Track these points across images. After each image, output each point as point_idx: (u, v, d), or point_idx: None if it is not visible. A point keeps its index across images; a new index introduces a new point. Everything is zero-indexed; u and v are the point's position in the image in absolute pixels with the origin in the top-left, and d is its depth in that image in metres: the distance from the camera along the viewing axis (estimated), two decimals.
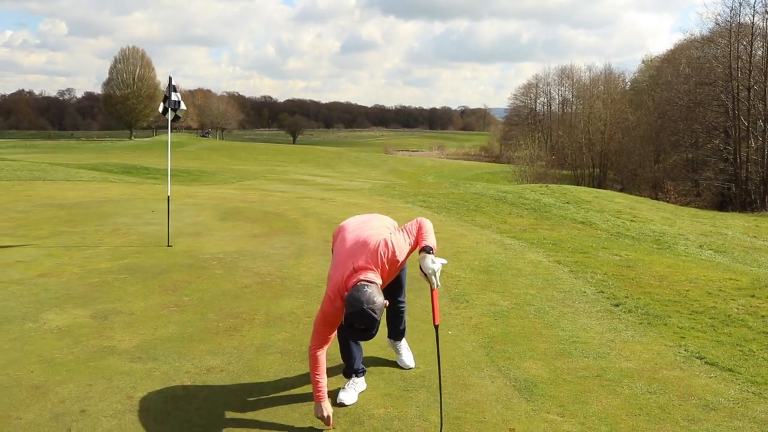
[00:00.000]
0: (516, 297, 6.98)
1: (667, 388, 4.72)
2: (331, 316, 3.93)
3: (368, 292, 3.64)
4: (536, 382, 4.72)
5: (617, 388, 4.69)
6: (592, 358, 5.26)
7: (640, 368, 5.09)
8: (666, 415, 4.27)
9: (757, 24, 50.69)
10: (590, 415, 4.24)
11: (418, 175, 58.45)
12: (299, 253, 8.95)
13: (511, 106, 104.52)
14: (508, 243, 10.22)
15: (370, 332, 3.64)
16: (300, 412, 4.16)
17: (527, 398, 4.45)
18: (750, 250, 12.81)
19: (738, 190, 48.75)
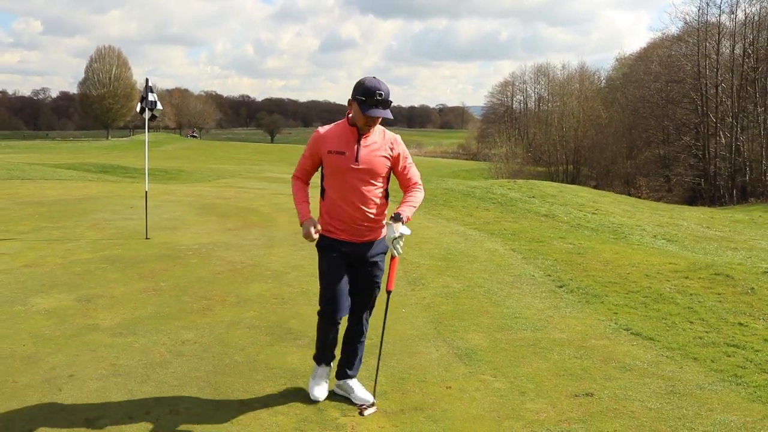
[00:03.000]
0: (469, 280, 7.58)
1: (592, 354, 5.33)
2: (314, 142, 4.04)
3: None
4: (476, 350, 5.32)
5: (548, 354, 5.30)
6: (529, 331, 5.87)
7: (571, 338, 5.71)
8: (586, 375, 4.88)
9: (724, 23, 51.98)
10: (520, 375, 4.83)
11: None
12: (270, 243, 9.50)
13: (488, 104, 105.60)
14: (469, 234, 10.82)
15: (388, 101, 3.83)
16: (264, 374, 4.71)
17: (466, 363, 5.05)
18: (700, 240, 13.53)
19: (707, 185, 49.92)
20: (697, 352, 5.45)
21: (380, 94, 3.78)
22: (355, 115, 3.88)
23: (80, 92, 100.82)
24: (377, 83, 3.80)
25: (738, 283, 7.56)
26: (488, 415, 4.16)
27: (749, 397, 4.56)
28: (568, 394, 4.52)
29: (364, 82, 3.82)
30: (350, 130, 3.96)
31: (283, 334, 5.63)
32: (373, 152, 3.96)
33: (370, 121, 3.86)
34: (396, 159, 4.06)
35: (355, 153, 3.93)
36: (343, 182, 3.95)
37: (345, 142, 3.94)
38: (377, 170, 3.98)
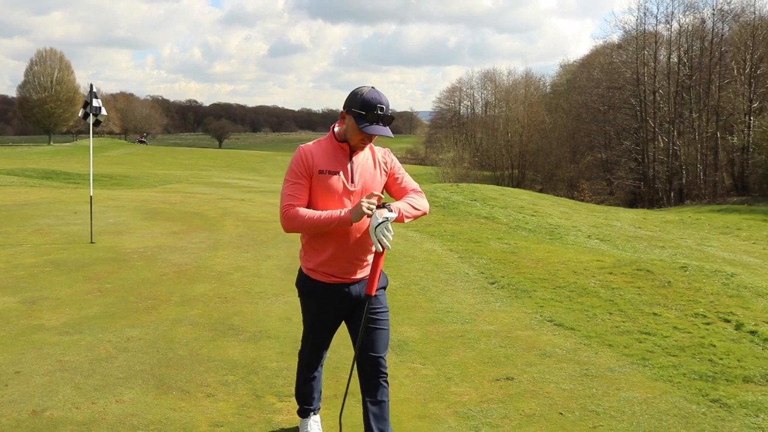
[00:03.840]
0: (406, 278, 7.94)
1: (516, 343, 5.74)
2: (301, 162, 3.28)
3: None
4: (408, 342, 5.68)
5: (475, 344, 5.68)
6: (459, 324, 6.25)
7: (498, 330, 6.11)
8: (509, 362, 5.27)
9: (661, 32, 53.87)
10: (447, 363, 5.20)
11: None
12: (215, 246, 9.71)
13: (436, 109, 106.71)
14: (410, 236, 11.20)
15: (390, 116, 3.24)
16: (206, 366, 4.98)
17: (398, 353, 5.40)
18: (631, 239, 14.19)
19: (646, 188, 51.57)
20: (612, 340, 5.90)
21: (382, 108, 3.20)
22: (349, 131, 3.27)
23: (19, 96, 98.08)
24: (378, 95, 3.23)
25: (657, 277, 8.09)
26: (415, 398, 4.51)
27: (653, 377, 5.01)
28: (491, 379, 4.90)
29: (363, 92, 3.24)
30: (339, 147, 3.34)
31: (226, 329, 5.89)
32: (369, 170, 3.39)
33: (366, 140, 3.28)
34: (391, 174, 3.50)
35: (350, 173, 3.33)
36: (338, 207, 3.26)
37: (336, 160, 3.31)
38: (374, 190, 3.36)
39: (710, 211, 26.45)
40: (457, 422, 4.17)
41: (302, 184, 3.28)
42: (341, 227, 3.21)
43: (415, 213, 3.39)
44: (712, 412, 4.45)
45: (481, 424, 4.16)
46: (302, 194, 3.29)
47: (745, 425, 4.26)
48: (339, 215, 3.17)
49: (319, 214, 3.19)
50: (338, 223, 3.17)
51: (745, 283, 8.00)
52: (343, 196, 3.30)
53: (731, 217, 22.14)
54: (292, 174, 3.31)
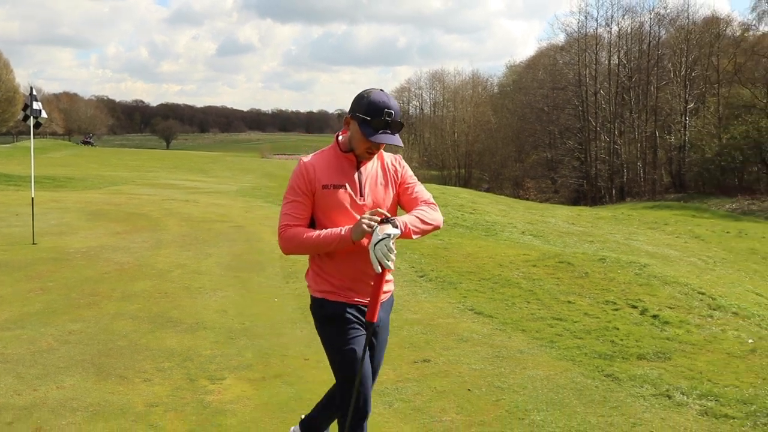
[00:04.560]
0: None
1: (436, 330, 6.21)
2: (302, 177, 2.98)
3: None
4: None
5: (399, 331, 6.12)
6: None
7: (421, 318, 6.57)
8: (428, 346, 5.73)
9: (602, 35, 55.49)
10: None
11: None
12: (157, 245, 9.98)
13: None
14: None
15: (399, 123, 2.92)
16: (144, 355, 5.31)
17: None
18: (563, 235, 14.87)
19: (589, 186, 53.05)
20: (526, 325, 6.42)
21: (390, 113, 2.89)
22: (354, 138, 2.97)
23: None
24: (386, 99, 2.93)
25: (576, 268, 8.67)
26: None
27: (558, 357, 5.53)
28: (409, 361, 5.36)
29: (370, 95, 2.94)
30: (344, 157, 3.03)
31: (164, 322, 6.22)
32: (379, 181, 3.09)
33: (373, 148, 2.96)
34: (402, 182, 3.15)
35: (358, 185, 3.02)
36: (347, 224, 2.94)
37: (341, 173, 3.01)
38: (386, 202, 3.08)
39: (644, 208, 27.56)
40: (373, 399, 4.58)
41: (302, 202, 2.97)
42: (343, 247, 2.89)
43: (424, 228, 2.98)
44: (604, 385, 4.98)
45: (395, 399, 4.61)
46: (302, 213, 2.98)
47: (630, 394, 4.80)
48: (339, 234, 2.87)
49: (317, 234, 2.90)
50: (338, 242, 2.86)
51: (656, 272, 8.63)
52: (352, 212, 2.97)
53: (662, 213, 23.18)
54: (291, 191, 3.00)
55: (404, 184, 3.15)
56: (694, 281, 8.61)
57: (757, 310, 7.73)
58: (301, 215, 2.97)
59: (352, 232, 2.84)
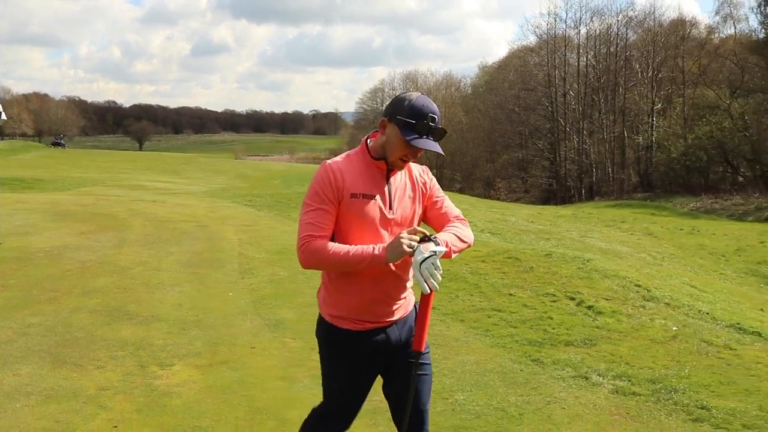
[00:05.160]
0: (295, 269, 8.70)
1: None
2: (329, 183, 2.66)
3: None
4: (284, 321, 6.46)
5: None
6: None
7: None
8: None
9: (571, 37, 56.33)
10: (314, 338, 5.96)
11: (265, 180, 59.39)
12: (120, 244, 10.25)
13: (359, 110, 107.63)
14: None
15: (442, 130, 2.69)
16: (99, 345, 5.63)
17: (273, 331, 6.17)
18: (520, 232, 15.33)
19: (558, 186, 53.83)
20: (465, 316, 6.83)
21: (434, 118, 2.64)
22: (390, 143, 2.69)
23: None
24: (430, 103, 2.67)
25: (522, 263, 9.10)
26: (279, 365, 5.29)
27: (491, 344, 5.94)
28: None
29: (412, 98, 2.67)
30: (375, 165, 2.75)
31: (121, 315, 6.53)
32: (407, 193, 2.83)
33: (411, 155, 2.70)
34: (430, 196, 2.91)
35: (388, 197, 2.75)
36: (372, 241, 2.67)
37: (371, 182, 2.73)
38: (413, 218, 2.85)
39: (606, 206, 28.25)
40: (311, 381, 4.97)
41: (328, 210, 2.64)
42: (374, 267, 2.61)
43: (461, 246, 2.79)
44: (529, 368, 5.40)
45: None
46: (327, 223, 2.65)
47: (551, 376, 5.22)
48: (372, 253, 2.57)
49: (347, 250, 2.58)
50: (371, 262, 2.57)
51: (598, 267, 9.09)
52: (380, 226, 2.71)
53: (622, 212, 23.82)
54: (316, 197, 2.67)
55: (432, 198, 2.90)
56: (634, 275, 9.07)
57: (688, 300, 8.21)
58: (326, 225, 2.64)
59: (388, 251, 2.56)
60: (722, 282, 11.77)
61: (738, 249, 14.88)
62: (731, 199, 37.09)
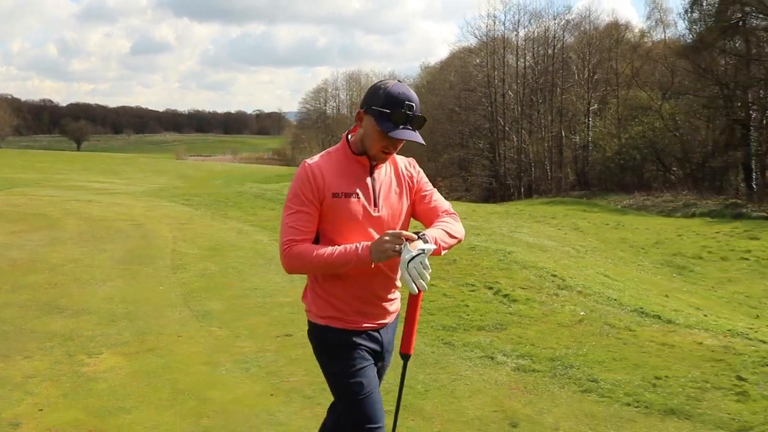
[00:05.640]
0: (226, 264, 8.97)
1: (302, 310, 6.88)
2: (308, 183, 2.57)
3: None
4: (212, 312, 6.73)
5: (269, 312, 6.81)
6: (261, 297, 7.36)
7: (293, 301, 7.25)
8: (293, 324, 6.42)
9: (510, 38, 57.52)
10: (240, 326, 6.30)
11: (207, 180, 59.00)
12: (53, 243, 10.32)
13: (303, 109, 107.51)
14: (245, 229, 12.20)
15: (421, 118, 2.59)
16: (28, 337, 5.82)
17: (200, 320, 6.44)
18: None
19: (498, 185, 54.90)
20: None
21: (411, 105, 2.54)
22: (368, 136, 2.58)
23: None
24: (406, 90, 2.56)
25: (446, 257, 9.53)
26: (204, 351, 5.58)
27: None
28: (272, 336, 6.04)
29: (387, 87, 2.56)
30: (356, 161, 2.65)
31: (51, 309, 6.70)
32: (393, 189, 2.72)
33: (391, 146, 2.59)
34: (418, 190, 2.82)
35: (372, 194, 2.65)
36: (359, 240, 2.57)
37: (353, 178, 2.62)
38: (401, 214, 2.75)
39: (540, 204, 29.16)
40: (234, 365, 5.28)
41: (308, 212, 2.56)
42: (359, 268, 2.52)
43: (451, 242, 2.68)
44: (440, 351, 5.80)
45: (252, 366, 5.29)
46: (309, 225, 2.56)
47: (460, 357, 5.63)
48: (356, 253, 2.47)
49: (330, 252, 2.50)
50: (355, 263, 2.49)
51: (518, 259, 9.59)
52: (365, 225, 2.61)
53: (554, 208, 24.65)
54: (296, 199, 2.57)
55: (421, 192, 2.81)
56: (551, 266, 9.59)
57: (600, 288, 8.75)
58: (308, 228, 2.56)
59: (372, 252, 2.46)
60: (638, 272, 12.44)
61: (657, 242, 15.68)
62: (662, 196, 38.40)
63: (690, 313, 8.23)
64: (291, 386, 4.91)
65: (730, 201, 28.92)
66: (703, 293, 11.51)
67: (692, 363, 5.58)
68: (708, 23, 38.24)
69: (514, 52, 57.41)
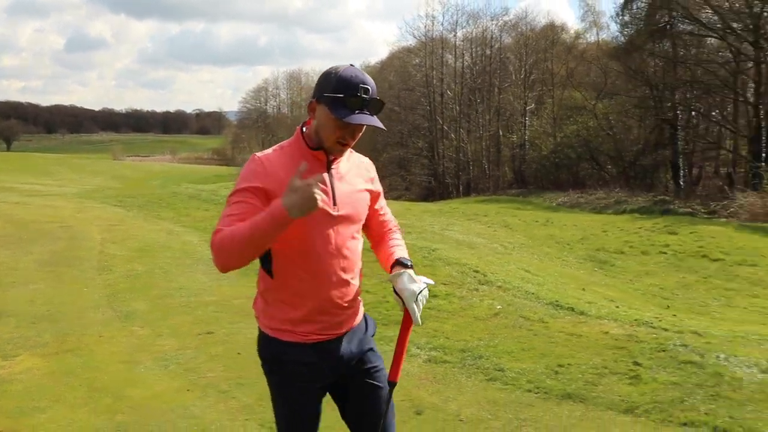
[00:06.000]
0: (154, 265, 9.03)
1: (229, 309, 7.06)
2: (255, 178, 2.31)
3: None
4: (135, 312, 6.82)
5: (193, 311, 6.93)
6: (186, 297, 7.48)
7: (218, 300, 7.40)
8: (216, 322, 6.57)
9: (448, 39, 58.30)
10: (162, 325, 6.41)
11: (144, 180, 58.02)
12: None
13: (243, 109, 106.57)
14: (176, 230, 12.22)
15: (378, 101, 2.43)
16: None
17: (123, 321, 6.54)
18: None
19: (437, 183, 55.60)
20: None
21: (366, 89, 2.32)
22: (322, 126, 2.34)
23: None
24: (360, 73, 2.38)
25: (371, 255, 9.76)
26: (124, 350, 5.68)
27: None
28: (195, 334, 6.17)
29: (338, 71, 2.34)
30: (312, 155, 2.40)
31: None
32: (353, 186, 2.49)
33: (348, 136, 2.36)
34: (376, 194, 2.68)
35: (330, 191, 2.39)
36: (315, 242, 2.37)
37: (308, 174, 2.23)
38: (361, 215, 2.55)
39: (475, 202, 29.75)
40: (153, 363, 5.40)
41: (252, 203, 2.25)
42: (280, 231, 2.13)
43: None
44: None
45: (171, 363, 5.42)
46: (248, 216, 2.20)
47: None
48: (270, 215, 2.10)
49: (244, 225, 2.14)
50: (271, 224, 2.10)
51: (442, 256, 9.89)
52: (324, 226, 2.36)
53: (488, 206, 25.22)
54: (240, 192, 2.29)
55: (376, 200, 2.66)
56: (474, 262, 9.92)
57: (519, 283, 9.11)
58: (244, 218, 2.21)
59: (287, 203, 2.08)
60: (561, 267, 12.91)
61: (582, 238, 16.24)
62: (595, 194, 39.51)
63: (603, 305, 8.66)
64: (208, 381, 5.07)
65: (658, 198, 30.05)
66: (620, 286, 12.03)
67: (596, 351, 5.93)
68: (638, 26, 39.50)
69: (453, 52, 58.22)
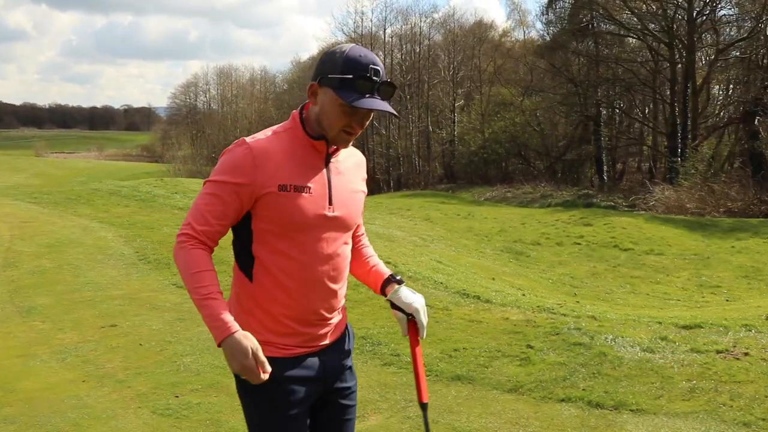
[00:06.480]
0: (63, 261, 8.93)
1: (135, 302, 7.08)
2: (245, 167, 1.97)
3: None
4: (38, 307, 6.78)
5: (99, 305, 6.93)
6: (93, 291, 7.46)
7: (125, 294, 7.40)
8: (121, 315, 6.59)
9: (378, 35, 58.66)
10: (65, 320, 6.41)
11: (69, 178, 56.52)
12: None
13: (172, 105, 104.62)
14: (91, 226, 12.05)
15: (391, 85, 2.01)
16: None
17: (24, 316, 6.50)
18: None
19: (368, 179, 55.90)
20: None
21: (377, 70, 2.00)
22: (326, 113, 2.02)
23: None
24: (369, 53, 2.03)
25: None
26: (20, 345, 5.67)
27: None
28: (97, 327, 6.19)
29: (345, 50, 2.02)
30: (311, 145, 2.07)
31: None
32: (352, 185, 2.19)
33: (355, 124, 2.03)
34: (364, 196, 2.32)
35: (327, 189, 2.08)
36: (304, 246, 2.05)
37: (306, 169, 2.05)
38: (356, 218, 2.23)
39: (401, 197, 30.14)
40: (50, 356, 5.42)
41: (227, 199, 1.97)
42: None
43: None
44: None
45: (70, 356, 5.45)
46: (221, 215, 1.99)
47: None
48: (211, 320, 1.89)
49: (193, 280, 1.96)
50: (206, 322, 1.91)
51: None
52: (318, 229, 2.05)
53: (413, 201, 25.58)
54: (219, 184, 1.98)
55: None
56: (387, 254, 10.14)
57: (430, 273, 9.38)
58: (218, 219, 1.99)
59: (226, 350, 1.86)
60: (477, 258, 13.30)
61: (501, 230, 16.72)
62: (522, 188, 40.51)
63: (509, 293, 9.01)
64: (105, 372, 5.11)
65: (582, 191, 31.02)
66: (532, 276, 12.48)
67: (492, 336, 6.21)
68: (562, 25, 40.61)
69: (382, 48, 58.59)
